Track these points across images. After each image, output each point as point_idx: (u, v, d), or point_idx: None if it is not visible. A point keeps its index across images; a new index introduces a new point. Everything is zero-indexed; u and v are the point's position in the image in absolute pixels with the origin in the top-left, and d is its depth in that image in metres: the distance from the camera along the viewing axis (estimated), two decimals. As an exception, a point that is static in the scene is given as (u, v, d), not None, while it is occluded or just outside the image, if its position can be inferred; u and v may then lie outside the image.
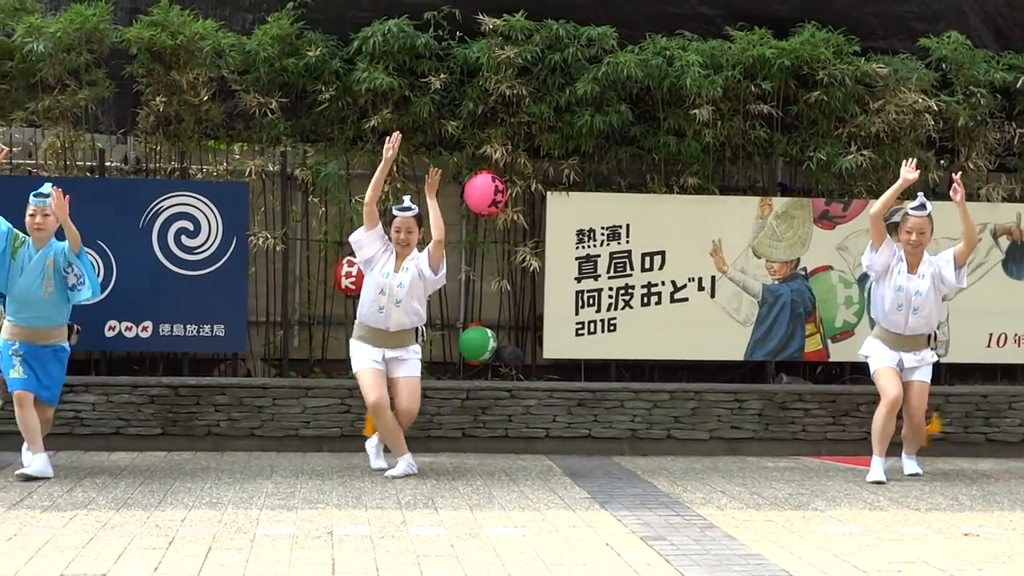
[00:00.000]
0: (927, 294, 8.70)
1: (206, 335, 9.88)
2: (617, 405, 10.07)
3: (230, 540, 6.45)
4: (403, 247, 8.59)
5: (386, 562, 6.03)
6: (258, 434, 9.74)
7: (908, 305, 8.67)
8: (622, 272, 10.35)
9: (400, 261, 8.58)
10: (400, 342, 8.60)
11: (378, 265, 8.59)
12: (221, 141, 10.61)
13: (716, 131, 10.39)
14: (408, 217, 8.59)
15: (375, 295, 8.53)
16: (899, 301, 8.69)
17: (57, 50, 9.81)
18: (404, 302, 8.51)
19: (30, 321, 8.18)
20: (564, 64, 10.30)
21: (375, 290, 8.54)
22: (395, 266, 8.56)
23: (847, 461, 9.82)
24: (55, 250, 8.22)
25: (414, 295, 8.56)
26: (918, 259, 8.76)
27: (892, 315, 8.75)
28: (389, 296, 8.49)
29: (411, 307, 8.57)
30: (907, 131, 10.53)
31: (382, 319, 8.54)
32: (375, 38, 10.09)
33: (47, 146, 10.23)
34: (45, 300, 8.17)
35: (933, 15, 11.17)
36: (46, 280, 8.14)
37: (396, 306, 8.50)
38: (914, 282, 8.69)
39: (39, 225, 8.17)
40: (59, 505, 7.33)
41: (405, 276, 8.52)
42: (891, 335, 8.79)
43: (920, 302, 8.68)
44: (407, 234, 8.57)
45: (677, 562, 6.15)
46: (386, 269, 8.55)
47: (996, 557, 6.48)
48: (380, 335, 8.56)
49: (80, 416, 9.56)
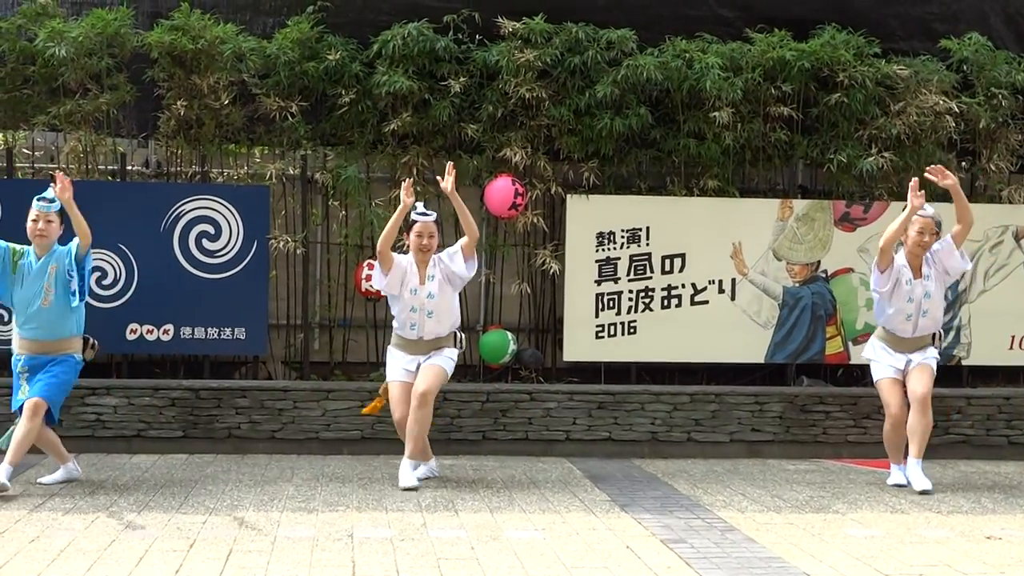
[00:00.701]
0: (934, 294, 8.61)
1: (227, 338, 9.90)
2: (637, 408, 10.06)
3: (251, 543, 6.46)
4: (424, 253, 8.37)
5: (406, 564, 6.03)
6: (279, 437, 9.75)
7: (918, 311, 8.57)
8: (642, 275, 10.34)
9: (423, 270, 8.38)
10: (433, 348, 8.42)
11: (403, 287, 8.38)
12: (242, 145, 10.65)
13: (736, 133, 10.38)
14: (430, 221, 8.40)
15: (407, 314, 8.37)
16: (908, 311, 8.58)
17: (79, 55, 9.86)
18: (436, 312, 8.35)
19: (34, 333, 7.88)
20: (584, 67, 10.31)
21: (406, 309, 8.37)
22: (420, 278, 8.36)
23: (868, 464, 9.78)
24: (58, 255, 7.94)
25: (445, 301, 8.41)
26: (919, 260, 8.63)
27: (901, 324, 8.65)
28: (421, 311, 8.33)
29: (445, 314, 8.42)
30: (928, 133, 10.50)
31: (416, 332, 8.38)
32: (395, 41, 10.12)
33: (69, 150, 10.28)
34: (46, 309, 7.83)
35: (954, 16, 11.14)
36: (46, 288, 7.82)
37: (429, 318, 8.34)
38: (921, 286, 8.57)
39: (42, 232, 7.87)
40: (81, 507, 7.35)
41: (433, 285, 8.34)
42: (897, 338, 8.69)
43: (928, 304, 8.59)
44: (429, 239, 8.36)
45: (698, 565, 6.14)
46: (412, 286, 8.35)
47: (1019, 560, 6.45)
48: (416, 344, 8.41)
49: (102, 419, 9.59)
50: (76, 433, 9.52)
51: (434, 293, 8.31)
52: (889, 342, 8.74)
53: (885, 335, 8.77)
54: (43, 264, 7.84)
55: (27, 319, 7.85)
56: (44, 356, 7.86)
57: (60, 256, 7.91)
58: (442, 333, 8.41)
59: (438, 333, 8.39)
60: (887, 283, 8.53)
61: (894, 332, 8.69)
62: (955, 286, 10.03)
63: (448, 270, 8.39)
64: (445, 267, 8.40)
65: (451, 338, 8.49)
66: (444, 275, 8.38)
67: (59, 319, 7.89)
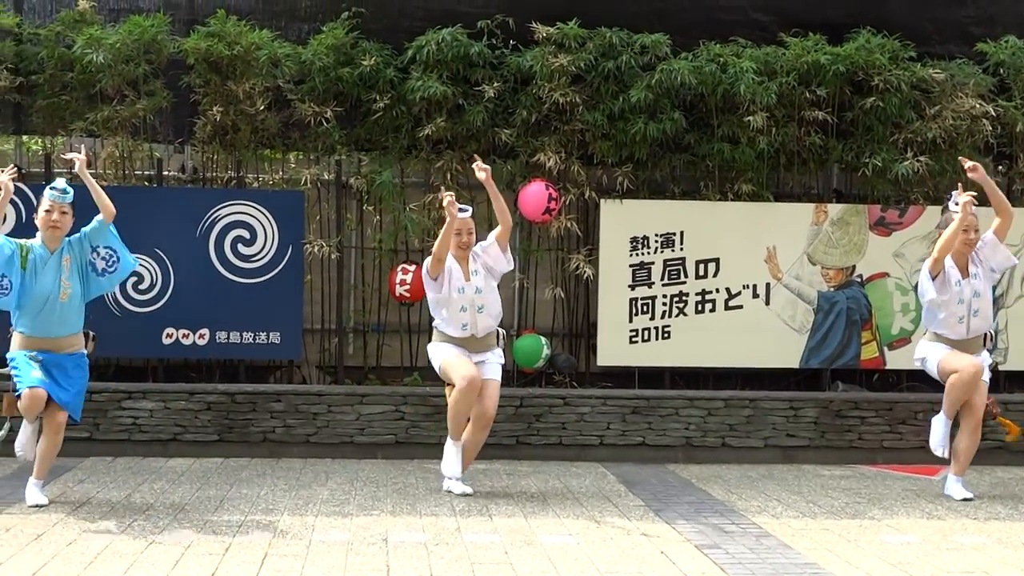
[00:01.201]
0: (983, 292, 8.42)
1: (262, 342, 9.95)
2: (671, 413, 10.04)
3: (286, 546, 6.48)
4: (463, 249, 8.27)
5: (440, 569, 6.04)
6: (313, 441, 9.78)
7: (969, 312, 8.35)
8: (676, 279, 10.32)
9: (466, 267, 8.28)
10: (486, 346, 8.32)
11: (451, 289, 8.22)
12: (277, 150, 10.69)
13: (770, 138, 10.34)
14: (467, 217, 8.27)
15: (458, 315, 8.20)
16: (960, 313, 8.36)
17: (116, 61, 9.92)
18: (486, 306, 8.25)
19: (50, 329, 7.43)
20: (617, 71, 10.30)
21: (456, 310, 8.20)
22: (465, 275, 8.25)
23: (904, 470, 9.74)
24: (71, 246, 7.53)
25: (491, 292, 8.32)
26: (965, 260, 8.43)
27: (955, 327, 8.40)
28: (472, 307, 8.20)
29: (493, 305, 8.33)
30: (964, 137, 10.44)
31: (468, 330, 8.23)
32: (429, 47, 10.15)
33: (106, 156, 10.35)
34: (65, 303, 7.42)
35: (990, 19, 11.08)
36: (64, 282, 7.41)
37: (480, 312, 8.22)
38: (971, 285, 8.37)
39: (55, 223, 7.42)
40: (118, 511, 7.39)
41: (479, 279, 8.27)
42: (951, 342, 8.44)
43: (979, 303, 8.38)
44: (468, 235, 8.26)
45: (732, 571, 6.12)
46: (458, 285, 8.21)
47: (1057, 567, 6.41)
48: (469, 341, 8.25)
49: (138, 423, 9.65)
50: (113, 437, 9.59)
51: (481, 287, 8.24)
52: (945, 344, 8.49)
53: (940, 340, 8.50)
54: (56, 258, 7.45)
55: (44, 315, 7.41)
56: (59, 353, 7.45)
57: (74, 243, 7.56)
58: (493, 326, 8.35)
59: (489, 327, 8.31)
60: (944, 289, 8.32)
61: (947, 336, 8.45)
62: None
63: (486, 263, 8.34)
64: (483, 260, 8.35)
65: (495, 335, 8.42)
66: (485, 268, 8.33)
67: (76, 313, 7.56)
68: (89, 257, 7.58)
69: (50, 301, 7.38)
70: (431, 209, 10.36)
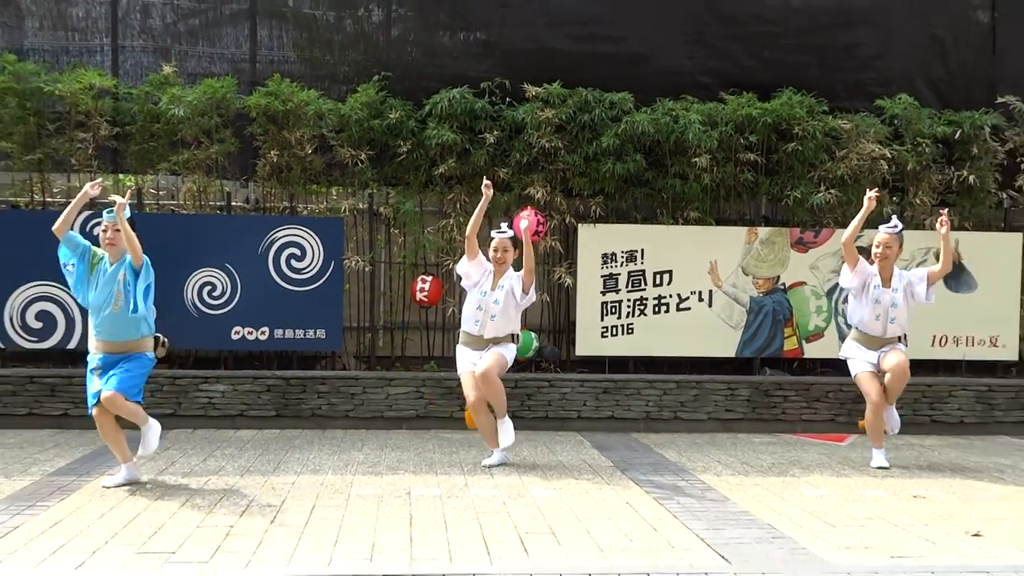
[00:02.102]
0: (901, 305, 8.17)
1: (310, 337, 9.95)
2: (634, 393, 10.05)
3: (330, 499, 6.51)
4: (499, 264, 7.88)
5: (452, 516, 6.07)
6: (351, 416, 9.79)
7: (885, 316, 8.15)
8: (638, 287, 10.33)
9: (496, 279, 7.88)
10: (494, 343, 7.86)
11: (478, 286, 7.90)
12: (322, 185, 10.69)
13: (713, 175, 10.38)
14: (505, 238, 7.90)
15: (474, 310, 7.86)
16: (877, 312, 8.17)
17: (193, 114, 9.94)
18: (498, 316, 7.81)
19: (106, 334, 6.91)
20: (591, 123, 10.33)
21: (474, 306, 7.87)
22: (492, 284, 7.86)
23: (818, 438, 9.76)
24: (127, 264, 6.98)
25: (507, 310, 7.84)
26: (889, 273, 8.20)
27: (871, 324, 8.22)
28: (485, 312, 7.82)
29: (504, 320, 7.84)
30: (866, 174, 10.46)
31: (478, 329, 7.84)
32: (442, 103, 10.18)
33: (185, 190, 10.35)
34: (115, 314, 6.86)
35: (887, 81, 11.13)
36: (116, 294, 6.87)
37: (491, 320, 7.81)
38: (889, 295, 8.16)
39: (110, 240, 6.94)
40: (196, 472, 7.42)
41: (500, 293, 7.81)
42: (870, 338, 8.25)
43: (895, 312, 8.16)
44: (503, 252, 7.86)
45: (683, 517, 6.15)
46: (484, 288, 7.86)
47: (939, 515, 6.44)
48: (477, 340, 7.86)
49: (212, 402, 9.65)
50: (192, 413, 9.60)
51: (499, 300, 7.81)
52: (862, 341, 8.29)
53: (859, 335, 8.31)
54: (115, 270, 6.93)
55: (100, 321, 6.91)
56: (116, 355, 6.89)
57: (126, 264, 6.97)
58: (499, 335, 7.84)
59: (496, 334, 7.83)
60: (853, 280, 8.15)
61: (866, 332, 8.24)
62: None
63: (513, 288, 7.86)
64: (512, 285, 7.87)
65: (509, 337, 7.91)
66: (511, 290, 7.86)
67: (127, 323, 6.89)
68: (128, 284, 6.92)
69: (106, 310, 6.88)
70: (444, 231, 10.39)
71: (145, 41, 10.64)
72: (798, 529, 5.94)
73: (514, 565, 5.04)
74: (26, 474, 7.21)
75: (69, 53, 10.53)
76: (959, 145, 10.84)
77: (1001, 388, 10.41)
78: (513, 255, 7.96)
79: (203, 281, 9.80)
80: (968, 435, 10.13)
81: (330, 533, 5.63)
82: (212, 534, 5.58)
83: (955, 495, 7.10)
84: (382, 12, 10.85)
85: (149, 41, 10.64)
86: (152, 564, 4.98)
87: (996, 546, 5.67)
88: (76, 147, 10.05)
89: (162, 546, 5.32)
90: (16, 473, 7.23)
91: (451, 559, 5.14)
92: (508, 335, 7.89)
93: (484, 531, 5.73)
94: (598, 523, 5.97)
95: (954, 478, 7.75)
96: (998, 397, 10.39)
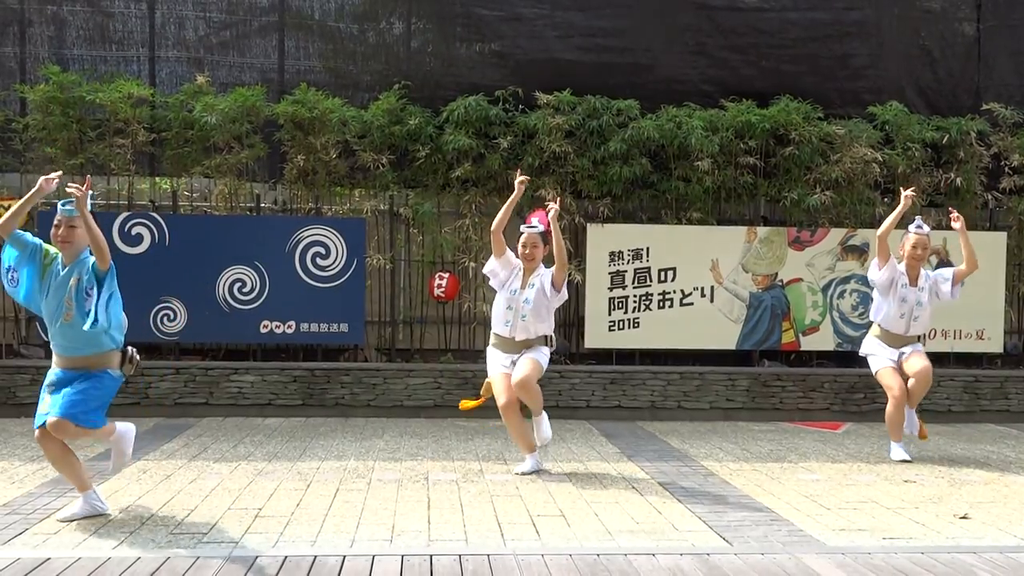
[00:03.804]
0: (926, 305, 7.89)
1: (334, 331, 9.94)
2: (640, 383, 10.02)
3: (352, 483, 6.49)
4: (529, 261, 6.99)
5: (468, 499, 6.04)
6: (373, 405, 9.78)
7: (910, 314, 7.86)
8: (643, 283, 10.30)
9: (527, 277, 7.00)
10: (526, 348, 6.97)
11: (507, 285, 7.01)
12: (345, 187, 10.69)
13: (714, 177, 10.34)
14: (534, 234, 7.02)
15: (503, 310, 6.99)
16: (903, 311, 7.86)
17: (225, 122, 9.95)
18: (529, 316, 6.89)
19: (61, 348, 5.41)
20: (599, 128, 10.30)
21: (504, 306, 6.99)
22: (522, 282, 6.98)
23: (814, 426, 9.71)
24: (82, 266, 5.37)
25: (539, 309, 6.93)
26: (916, 272, 7.91)
27: (896, 321, 7.89)
28: (516, 311, 6.92)
29: (536, 320, 6.93)
30: (859, 176, 10.42)
31: (508, 330, 6.96)
32: (459, 110, 10.17)
33: (217, 192, 10.37)
34: (67, 325, 5.30)
35: (878, 89, 11.09)
36: (67, 302, 5.30)
37: (522, 320, 6.90)
38: (915, 294, 7.86)
39: (64, 237, 5.34)
40: (227, 457, 7.42)
41: (531, 292, 6.92)
42: (892, 335, 7.93)
43: (920, 311, 7.88)
44: (532, 248, 6.96)
45: (686, 501, 6.12)
46: (514, 287, 6.98)
47: (929, 498, 6.39)
48: (508, 343, 6.99)
49: (242, 391, 9.66)
50: (223, 402, 9.60)
51: (530, 300, 6.89)
52: (884, 338, 7.92)
53: (881, 332, 7.94)
54: (67, 274, 5.35)
55: (54, 333, 5.40)
56: (74, 372, 5.37)
57: (83, 267, 5.36)
58: (531, 337, 6.94)
59: (528, 336, 6.94)
60: (883, 275, 7.83)
61: (889, 329, 7.88)
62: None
63: (544, 286, 6.95)
64: (543, 282, 6.97)
65: (542, 340, 7.02)
66: (541, 287, 6.96)
67: (84, 336, 5.30)
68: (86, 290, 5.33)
69: (58, 321, 5.35)
70: (460, 231, 10.37)
71: (180, 52, 10.65)
72: (795, 512, 5.90)
73: (526, 545, 5.02)
74: (68, 459, 7.20)
75: (108, 63, 10.54)
76: (947, 149, 10.80)
77: (986, 379, 10.35)
78: (543, 252, 7.12)
79: (234, 278, 9.80)
80: (955, 423, 10.07)
81: (353, 515, 5.62)
82: (242, 516, 5.57)
83: (943, 480, 7.05)
84: (402, 25, 10.84)
85: (184, 52, 10.65)
86: (186, 544, 4.97)
87: (982, 528, 5.62)
88: (115, 152, 10.08)
89: (195, 527, 5.31)
90: (59, 458, 7.22)
91: (467, 540, 5.12)
92: (541, 337, 7.02)
93: (498, 513, 5.70)
94: (606, 506, 5.94)
95: (942, 464, 7.69)
96: (984, 387, 10.33)
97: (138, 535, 5.14)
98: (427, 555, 4.80)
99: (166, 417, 9.41)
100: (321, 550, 4.87)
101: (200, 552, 4.81)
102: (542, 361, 6.98)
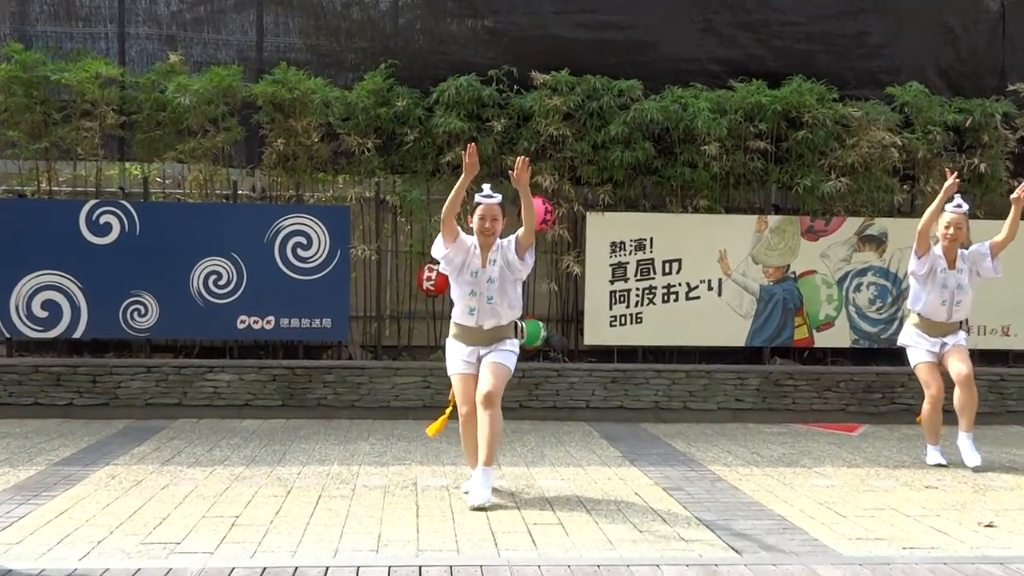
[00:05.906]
0: (967, 287, 7.84)
1: (316, 327, 9.92)
2: (643, 382, 10.01)
3: (336, 489, 6.47)
4: (487, 236, 6.38)
5: (459, 507, 6.03)
6: (357, 405, 9.76)
7: (952, 300, 7.81)
8: (647, 276, 10.28)
9: (486, 253, 6.39)
10: (495, 338, 6.40)
11: (464, 268, 6.40)
12: (328, 173, 10.66)
13: (722, 163, 10.31)
14: (493, 204, 6.43)
15: (466, 297, 6.38)
16: (943, 297, 7.80)
17: (199, 103, 9.90)
18: (496, 297, 6.33)
19: None
20: (600, 110, 10.27)
21: (466, 291, 6.38)
22: (482, 261, 6.38)
23: (829, 427, 9.71)
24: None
25: (505, 287, 6.36)
26: (954, 254, 7.84)
27: (937, 309, 7.83)
28: (480, 295, 6.34)
29: (503, 300, 6.36)
30: (877, 162, 10.39)
31: (475, 319, 6.37)
32: (450, 91, 10.12)
33: (191, 179, 10.34)
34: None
35: (897, 69, 11.06)
36: None
37: (488, 303, 6.32)
38: (955, 277, 7.80)
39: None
40: (201, 461, 7.39)
41: (494, 269, 6.35)
42: (933, 324, 7.79)
43: (961, 295, 7.83)
44: (492, 222, 6.37)
45: (692, 508, 6.10)
46: (473, 268, 6.36)
47: (951, 505, 6.39)
48: (473, 333, 6.40)
49: (218, 391, 9.63)
50: (197, 403, 9.58)
51: (495, 278, 6.33)
52: (923, 328, 7.85)
53: (920, 321, 7.88)
54: None
55: None
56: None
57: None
58: (502, 322, 6.39)
59: (498, 322, 6.38)
60: (923, 267, 7.80)
61: (929, 317, 7.82)
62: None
63: (507, 258, 6.39)
64: (504, 254, 6.40)
65: (511, 328, 6.47)
66: (504, 262, 6.40)
67: None
68: None
69: None
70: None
71: (151, 29, 10.60)
72: (809, 520, 5.89)
73: (522, 556, 5.00)
74: (32, 464, 7.18)
75: (74, 40, 10.48)
76: (970, 133, 10.77)
77: (1013, 378, 10.35)
78: (503, 224, 6.51)
79: (209, 270, 9.76)
80: (980, 425, 10.01)
81: (336, 524, 5.60)
82: (217, 524, 5.54)
83: (967, 485, 7.04)
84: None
85: (155, 28, 10.60)
86: (157, 554, 4.94)
87: (1009, 537, 5.62)
88: (82, 136, 10.03)
89: (167, 536, 5.29)
90: (22, 463, 7.21)
91: (458, 550, 5.10)
92: (511, 324, 6.47)
93: (492, 522, 5.69)
94: (607, 514, 5.93)
95: (966, 468, 7.68)
96: (1010, 387, 10.33)
97: (106, 545, 5.11)
98: (416, 566, 4.77)
99: (137, 419, 9.37)
100: (302, 561, 4.84)
101: (172, 563, 4.79)
102: (510, 364, 6.43)
